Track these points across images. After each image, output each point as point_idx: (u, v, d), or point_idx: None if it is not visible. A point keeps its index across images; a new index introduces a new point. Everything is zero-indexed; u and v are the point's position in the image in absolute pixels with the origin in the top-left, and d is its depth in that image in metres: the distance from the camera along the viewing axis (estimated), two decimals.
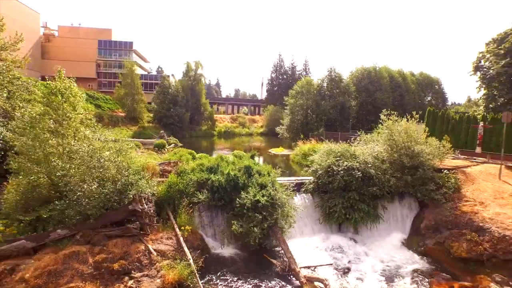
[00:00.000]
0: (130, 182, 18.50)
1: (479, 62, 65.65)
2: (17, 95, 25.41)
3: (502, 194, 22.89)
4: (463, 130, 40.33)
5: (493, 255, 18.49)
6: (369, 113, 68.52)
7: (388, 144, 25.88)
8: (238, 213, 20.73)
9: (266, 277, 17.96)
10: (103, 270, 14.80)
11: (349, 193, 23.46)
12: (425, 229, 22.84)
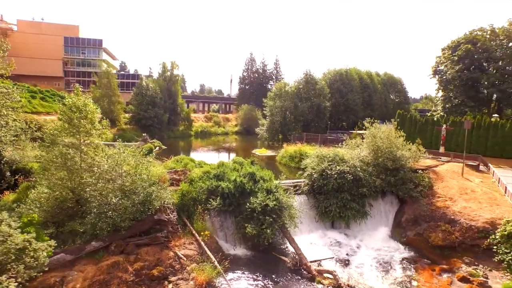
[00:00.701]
0: (151, 193, 19.82)
1: (437, 66, 72.45)
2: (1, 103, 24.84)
3: (465, 190, 27.15)
4: (428, 131, 45.29)
5: (462, 242, 22.37)
6: (342, 113, 73.07)
7: (372, 149, 29.22)
8: (247, 216, 22.86)
9: (280, 272, 20.35)
10: (143, 276, 16.34)
11: (342, 194, 26.48)
12: (406, 222, 26.52)
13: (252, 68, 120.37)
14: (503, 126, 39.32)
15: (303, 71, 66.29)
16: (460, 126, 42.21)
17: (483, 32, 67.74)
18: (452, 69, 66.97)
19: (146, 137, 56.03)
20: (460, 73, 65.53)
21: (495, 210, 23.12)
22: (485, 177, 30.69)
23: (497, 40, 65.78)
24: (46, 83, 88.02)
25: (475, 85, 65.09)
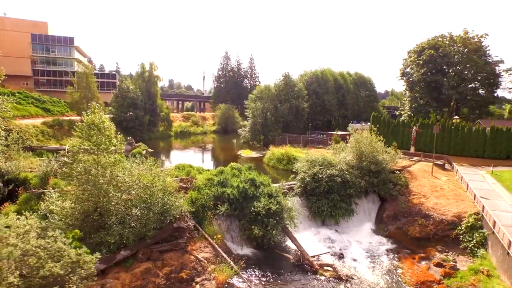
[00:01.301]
0: (167, 203, 21.55)
1: (404, 69, 78.47)
2: None
3: (436, 188, 31.37)
4: (400, 132, 49.96)
5: (435, 233, 26.32)
6: (318, 114, 77.00)
7: (356, 153, 32.62)
8: (251, 219, 25.26)
9: (285, 267, 23.03)
10: (173, 280, 18.31)
11: (332, 195, 29.64)
12: (387, 218, 30.25)
13: (227, 67, 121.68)
14: (463, 128, 44.66)
15: (282, 73, 68.96)
16: (427, 128, 47.26)
17: (444, 39, 74.34)
18: (418, 72, 73.10)
19: (131, 140, 56.09)
20: (424, 76, 71.79)
21: (460, 205, 27.33)
22: (450, 175, 35.31)
23: (455, 46, 72.50)
24: (13, 83, 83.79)
25: (437, 87, 71.56)
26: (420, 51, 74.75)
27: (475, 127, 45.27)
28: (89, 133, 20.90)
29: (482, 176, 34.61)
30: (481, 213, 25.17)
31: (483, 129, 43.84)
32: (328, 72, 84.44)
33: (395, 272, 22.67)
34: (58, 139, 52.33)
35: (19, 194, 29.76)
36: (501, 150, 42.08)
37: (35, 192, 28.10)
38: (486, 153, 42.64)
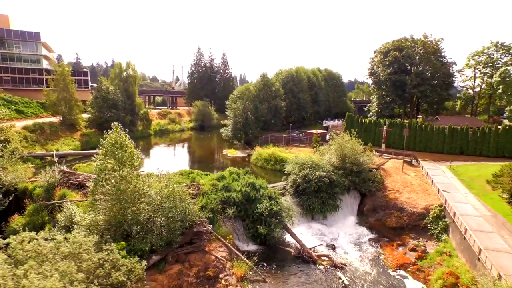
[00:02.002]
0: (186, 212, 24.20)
1: (372, 68, 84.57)
2: None
3: (407, 183, 36.61)
4: (372, 130, 55.29)
5: (408, 223, 31.36)
6: (294, 111, 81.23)
7: (340, 155, 36.90)
8: (255, 219, 28.69)
9: (288, 260, 26.79)
10: (202, 278, 21.30)
11: (321, 194, 33.75)
12: (367, 211, 35.02)
13: (201, 63, 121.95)
14: (426, 128, 50.82)
15: (260, 74, 71.95)
16: (396, 127, 53.01)
17: (406, 41, 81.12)
18: (384, 72, 79.41)
19: None
20: (390, 75, 78.24)
21: (428, 199, 32.62)
22: (417, 171, 40.92)
23: (416, 48, 79.54)
24: None
25: (401, 85, 78.38)
26: (386, 52, 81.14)
27: (436, 126, 51.61)
28: (113, 152, 22.88)
29: (443, 171, 40.56)
30: (444, 205, 30.50)
31: (443, 128, 50.28)
32: (302, 70, 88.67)
33: (378, 258, 27.30)
34: (42, 144, 51.70)
35: (26, 206, 30.82)
36: (456, 147, 48.73)
37: (47, 203, 29.44)
38: (445, 149, 49.14)
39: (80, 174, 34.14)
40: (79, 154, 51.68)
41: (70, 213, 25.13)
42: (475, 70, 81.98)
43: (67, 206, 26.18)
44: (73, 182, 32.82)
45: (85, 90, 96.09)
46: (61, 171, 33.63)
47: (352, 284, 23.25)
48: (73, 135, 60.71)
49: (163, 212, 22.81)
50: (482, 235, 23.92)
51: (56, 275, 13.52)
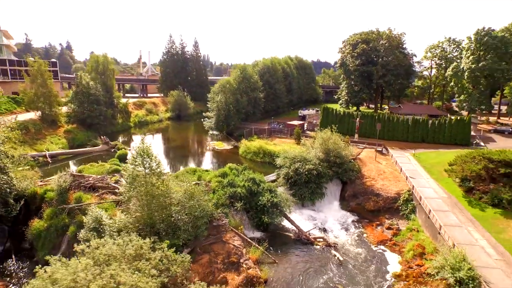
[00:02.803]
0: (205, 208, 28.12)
1: (342, 60, 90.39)
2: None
3: (380, 171, 42.94)
4: (345, 121, 61.33)
5: (384, 206, 37.67)
6: (271, 102, 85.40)
7: (324, 149, 42.12)
8: (258, 210, 33.29)
9: (289, 243, 31.87)
10: (227, 264, 25.65)
11: (310, 184, 39.00)
12: (348, 197, 40.96)
13: (172, 51, 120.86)
14: (393, 119, 57.72)
15: (240, 67, 74.68)
16: (367, 118, 59.39)
17: (373, 34, 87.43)
18: (353, 63, 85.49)
19: (106, 139, 57.68)
20: (359, 66, 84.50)
21: (398, 185, 39.09)
22: (388, 159, 47.54)
23: (381, 41, 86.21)
24: None
25: (369, 76, 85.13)
26: (355, 44, 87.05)
27: (402, 117, 58.63)
28: (143, 161, 25.96)
29: (408, 158, 47.54)
30: (411, 190, 37.03)
31: (407, 119, 57.43)
32: (276, 61, 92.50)
33: (362, 236, 33.29)
34: (30, 144, 51.67)
35: (43, 210, 32.70)
36: (418, 136, 56.21)
37: (67, 207, 31.64)
38: (409, 137, 56.46)
39: (89, 177, 36.25)
40: (71, 153, 52.50)
41: (96, 216, 27.92)
42: (431, 61, 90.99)
43: (92, 209, 28.85)
44: (85, 184, 34.96)
45: (55, 81, 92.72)
46: (71, 174, 35.50)
47: (345, 260, 28.89)
48: (56, 132, 60.46)
49: (188, 211, 26.57)
50: (441, 214, 30.46)
51: (137, 273, 17.17)
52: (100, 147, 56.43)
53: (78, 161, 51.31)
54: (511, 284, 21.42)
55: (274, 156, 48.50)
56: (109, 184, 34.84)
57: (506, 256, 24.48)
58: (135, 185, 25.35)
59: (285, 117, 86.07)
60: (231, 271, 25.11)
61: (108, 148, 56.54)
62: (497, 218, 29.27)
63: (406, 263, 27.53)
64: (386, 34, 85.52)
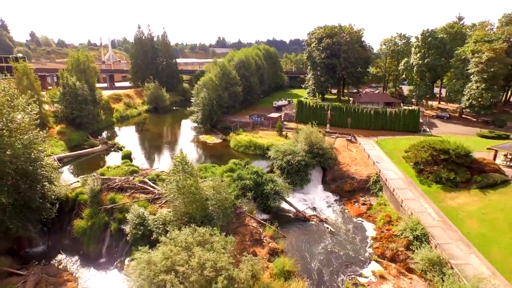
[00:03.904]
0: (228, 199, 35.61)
1: (309, 53, 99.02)
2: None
3: (353, 158, 53.03)
4: (318, 113, 70.66)
5: (358, 187, 47.82)
6: (247, 94, 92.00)
7: (308, 142, 50.94)
8: (264, 197, 41.56)
9: (290, 221, 40.71)
10: (253, 241, 33.77)
11: (300, 172, 47.93)
12: (329, 180, 50.64)
13: (142, 42, 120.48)
14: (358, 110, 68.21)
15: (219, 64, 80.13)
16: (337, 110, 69.23)
17: (335, 29, 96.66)
18: (319, 56, 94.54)
19: (104, 140, 61.22)
20: (324, 59, 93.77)
21: (368, 169, 49.40)
22: (357, 147, 57.87)
23: (344, 36, 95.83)
24: None
25: (333, 68, 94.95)
26: (320, 38, 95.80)
27: (365, 109, 69.26)
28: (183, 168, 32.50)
29: (372, 145, 58.25)
30: (378, 173, 47.47)
31: (369, 111, 68.21)
32: (249, 54, 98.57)
33: (344, 212, 43.16)
34: None
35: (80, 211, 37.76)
36: (379, 125, 67.40)
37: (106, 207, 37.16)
38: (372, 126, 67.47)
39: (115, 179, 41.50)
40: (75, 155, 55.77)
41: (138, 213, 34.20)
42: (386, 54, 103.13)
43: (134, 208, 34.97)
44: (113, 186, 40.34)
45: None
46: (100, 177, 40.50)
47: (335, 231, 38.45)
48: (50, 134, 62.34)
49: (218, 203, 33.93)
50: (401, 191, 41.01)
51: (212, 252, 24.55)
52: (100, 147, 59.98)
53: (83, 162, 55.05)
54: (446, 236, 32.23)
55: (264, 149, 56.70)
56: (135, 185, 40.60)
57: (444, 218, 35.46)
58: (180, 187, 32.01)
59: (259, 107, 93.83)
60: (257, 246, 33.34)
61: (108, 147, 60.40)
62: (439, 192, 40.48)
63: (379, 229, 37.77)
64: (347, 29, 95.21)
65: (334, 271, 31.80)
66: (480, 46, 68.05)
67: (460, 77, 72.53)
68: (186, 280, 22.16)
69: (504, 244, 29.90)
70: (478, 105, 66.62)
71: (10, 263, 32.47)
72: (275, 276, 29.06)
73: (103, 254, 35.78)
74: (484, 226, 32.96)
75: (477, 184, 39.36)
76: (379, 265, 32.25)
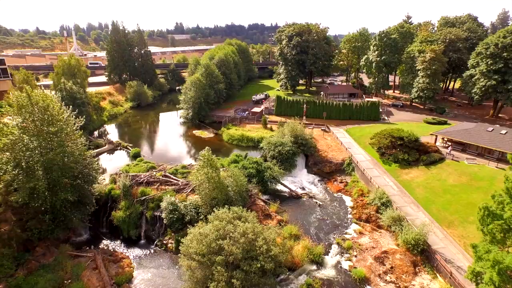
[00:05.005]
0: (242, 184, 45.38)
1: (281, 50, 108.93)
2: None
3: (329, 145, 64.81)
4: (295, 107, 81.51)
5: (335, 169, 59.72)
6: (228, 90, 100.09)
7: (293, 134, 61.62)
8: (265, 182, 51.91)
9: (286, 199, 51.53)
10: (264, 215, 44.04)
11: (289, 160, 58.75)
12: (311, 165, 62.09)
13: (117, 39, 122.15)
14: (329, 104, 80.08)
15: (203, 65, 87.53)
16: (311, 104, 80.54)
17: (305, 28, 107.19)
18: (290, 53, 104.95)
19: (109, 139, 67.08)
20: (295, 56, 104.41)
21: (342, 154, 61.42)
22: (331, 136, 69.75)
23: (312, 34, 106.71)
24: None
25: (303, 63, 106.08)
26: (290, 36, 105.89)
27: (335, 102, 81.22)
28: (210, 163, 41.53)
29: (343, 133, 70.49)
30: (350, 157, 59.62)
31: (338, 103, 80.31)
32: (227, 53, 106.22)
33: (326, 189, 54.90)
34: None
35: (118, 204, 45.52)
36: (346, 115, 79.79)
37: (141, 199, 45.29)
38: (341, 117, 79.77)
39: (140, 175, 49.33)
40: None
41: (171, 201, 42.96)
42: (348, 50, 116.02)
43: (167, 197, 43.60)
44: (140, 181, 48.21)
45: (4, 79, 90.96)
46: (129, 175, 48.06)
47: (322, 204, 49.94)
48: None
49: (236, 189, 43.65)
50: (369, 170, 53.39)
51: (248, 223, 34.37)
52: (106, 147, 65.92)
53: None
54: (403, 201, 44.94)
55: (255, 141, 66.66)
56: (160, 178, 48.79)
57: (401, 189, 48.25)
58: (209, 178, 41.10)
59: (238, 101, 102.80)
60: (268, 219, 43.73)
61: (114, 146, 66.58)
62: (396, 169, 53.38)
63: (355, 200, 49.87)
64: (315, 28, 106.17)
65: (326, 232, 43.32)
66: (424, 46, 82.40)
67: (410, 72, 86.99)
68: (235, 243, 31.90)
69: (439, 203, 43.15)
70: (424, 96, 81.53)
71: (71, 249, 40.05)
72: (286, 238, 39.75)
73: (142, 237, 44.23)
74: (427, 192, 46.16)
75: (423, 162, 52.74)
76: (358, 225, 44.27)
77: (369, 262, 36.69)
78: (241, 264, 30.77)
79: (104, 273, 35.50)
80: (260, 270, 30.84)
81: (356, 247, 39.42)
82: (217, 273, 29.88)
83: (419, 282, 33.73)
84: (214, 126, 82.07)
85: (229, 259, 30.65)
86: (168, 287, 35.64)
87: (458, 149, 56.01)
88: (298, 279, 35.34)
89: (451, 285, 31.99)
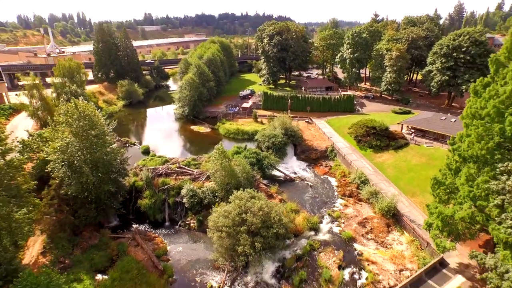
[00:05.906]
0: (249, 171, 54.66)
1: (263, 48, 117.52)
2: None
3: (313, 135, 75.26)
4: (281, 102, 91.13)
5: (320, 156, 70.28)
6: (217, 87, 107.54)
7: (283, 127, 71.29)
8: (264, 169, 61.50)
9: (282, 182, 61.44)
10: (268, 195, 53.57)
11: (281, 149, 68.60)
12: (299, 153, 72.36)
13: (103, 40, 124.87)
14: (311, 98, 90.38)
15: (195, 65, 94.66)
16: (295, 99, 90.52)
17: (284, 27, 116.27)
18: (272, 51, 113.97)
19: (118, 138, 73.29)
20: (276, 53, 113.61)
21: (325, 143, 72.06)
22: (314, 127, 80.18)
23: (291, 32, 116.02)
24: None
25: (283, 60, 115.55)
26: (271, 35, 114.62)
27: (316, 97, 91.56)
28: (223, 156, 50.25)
29: (325, 124, 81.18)
30: (332, 144, 70.38)
31: (319, 97, 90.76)
32: (214, 52, 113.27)
33: (315, 172, 65.44)
34: None
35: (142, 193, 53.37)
36: (326, 108, 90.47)
37: (163, 188, 53.36)
38: (321, 109, 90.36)
39: (158, 168, 57.12)
40: None
41: (190, 188, 51.56)
42: (323, 47, 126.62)
43: (186, 185, 52.07)
44: (158, 173, 56.07)
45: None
46: (150, 168, 55.69)
47: (313, 185, 60.37)
48: None
49: (244, 175, 52.83)
50: (349, 155, 64.36)
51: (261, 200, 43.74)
52: (115, 145, 72.10)
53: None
54: (377, 179, 56.24)
55: (250, 134, 75.80)
56: (176, 170, 56.89)
57: (375, 169, 59.57)
58: (223, 166, 49.84)
59: (225, 96, 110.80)
60: (271, 198, 53.19)
61: (122, 144, 73.03)
62: (371, 154, 64.71)
63: (339, 180, 60.70)
64: (294, 27, 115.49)
65: (319, 207, 53.81)
66: (391, 45, 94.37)
67: (379, 67, 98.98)
68: (255, 215, 41.24)
69: (405, 179, 54.87)
70: (392, 89, 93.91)
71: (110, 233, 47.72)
72: (289, 212, 49.66)
73: (167, 220, 52.52)
74: (396, 171, 57.79)
75: (392, 147, 64.43)
76: (343, 200, 55.11)
77: (354, 226, 47.54)
78: (260, 231, 40.27)
79: (146, 248, 43.81)
80: (274, 235, 40.52)
81: (343, 216, 50.19)
82: (243, 239, 39.14)
83: (391, 237, 45.02)
84: (208, 121, 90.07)
85: (250, 228, 40.03)
86: (199, 255, 44.53)
87: (419, 135, 68.33)
88: (301, 241, 45.51)
89: (414, 237, 43.49)
